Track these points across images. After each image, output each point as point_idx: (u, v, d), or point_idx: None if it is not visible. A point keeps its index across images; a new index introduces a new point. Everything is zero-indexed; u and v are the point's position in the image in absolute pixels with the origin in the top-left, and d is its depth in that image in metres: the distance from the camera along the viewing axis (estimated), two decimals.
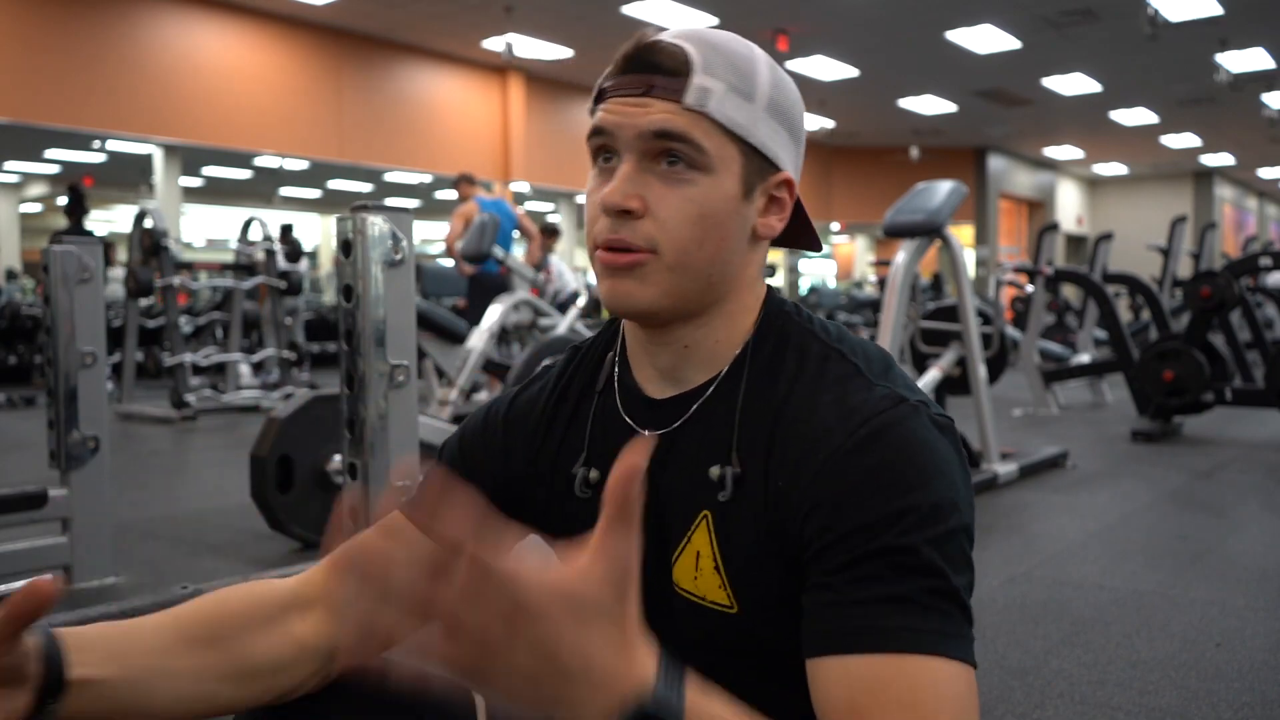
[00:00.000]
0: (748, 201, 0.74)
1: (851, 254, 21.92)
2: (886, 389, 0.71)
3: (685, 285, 0.73)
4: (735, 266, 0.75)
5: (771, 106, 0.74)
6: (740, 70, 0.72)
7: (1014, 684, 1.96)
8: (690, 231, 0.71)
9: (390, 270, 1.65)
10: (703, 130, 0.70)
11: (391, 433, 1.67)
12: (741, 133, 0.72)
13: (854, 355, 0.74)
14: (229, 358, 7.03)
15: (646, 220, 0.71)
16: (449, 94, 12.02)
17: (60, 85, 8.92)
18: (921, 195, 3.90)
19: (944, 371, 4.27)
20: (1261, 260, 5.97)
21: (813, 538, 0.68)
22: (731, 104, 0.71)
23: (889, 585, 0.63)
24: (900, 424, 0.68)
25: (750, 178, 0.73)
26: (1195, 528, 3.34)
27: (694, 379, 0.78)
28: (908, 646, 0.62)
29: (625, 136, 0.72)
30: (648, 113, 0.71)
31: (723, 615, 0.75)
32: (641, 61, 0.72)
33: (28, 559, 2.53)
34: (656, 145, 0.71)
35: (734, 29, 2.63)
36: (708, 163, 0.71)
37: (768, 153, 0.74)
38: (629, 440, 0.78)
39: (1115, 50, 11.34)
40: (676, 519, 0.77)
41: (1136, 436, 5.26)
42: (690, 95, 0.70)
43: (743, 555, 0.73)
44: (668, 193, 0.71)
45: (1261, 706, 1.85)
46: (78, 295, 2.56)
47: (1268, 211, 25.07)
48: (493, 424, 0.87)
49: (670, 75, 0.71)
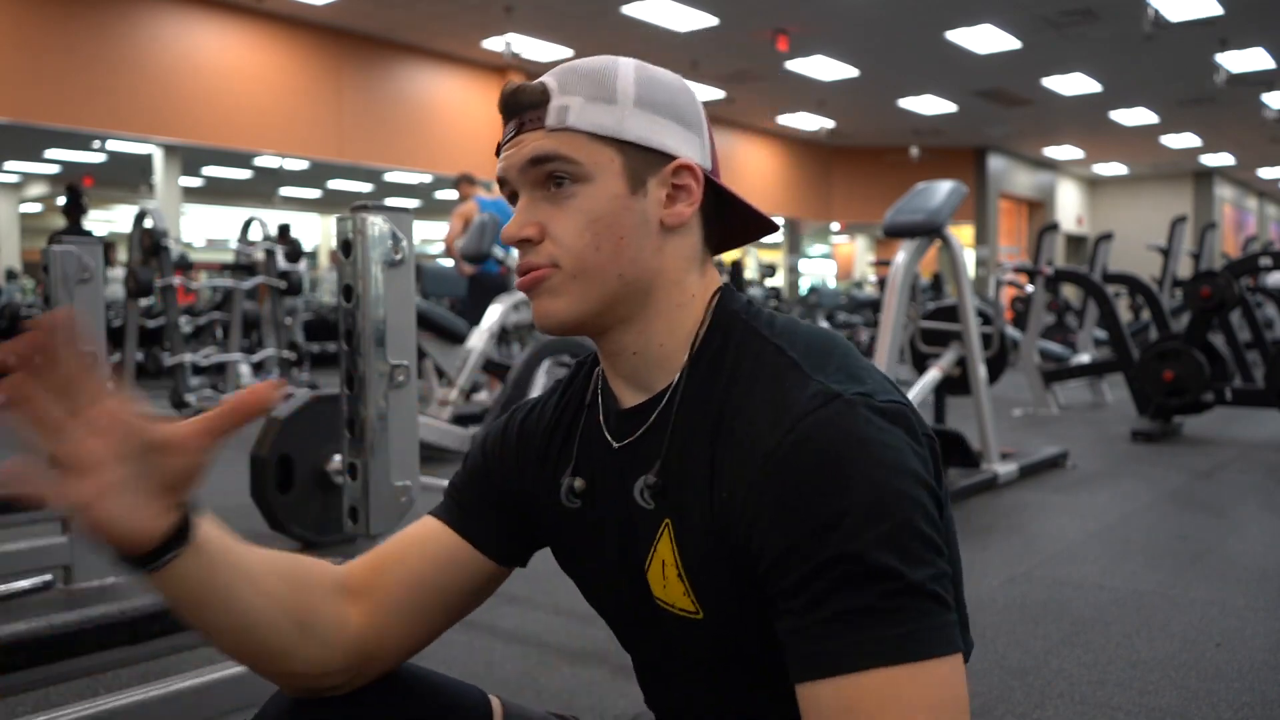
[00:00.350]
0: (639, 195, 0.75)
1: (851, 254, 21.92)
2: (819, 384, 0.69)
3: (594, 288, 0.75)
4: (647, 261, 0.76)
5: (641, 102, 0.76)
6: (597, 80, 0.75)
7: (1014, 684, 1.96)
8: (582, 238, 0.74)
9: (390, 270, 1.65)
10: (570, 144, 0.74)
11: (391, 433, 1.67)
12: (610, 133, 0.74)
13: (792, 348, 0.74)
14: (229, 358, 7.03)
15: (546, 242, 0.75)
16: (449, 94, 12.02)
17: (60, 85, 8.92)
18: (921, 195, 3.90)
19: (944, 371, 4.27)
20: (1261, 260, 5.97)
21: (759, 554, 0.67)
22: (593, 111, 0.74)
23: (839, 599, 0.63)
24: (828, 424, 0.67)
25: (636, 172, 0.75)
26: (1195, 528, 3.34)
27: (655, 384, 0.79)
28: (868, 662, 0.61)
29: (513, 176, 0.77)
30: (521, 149, 0.75)
31: (691, 621, 0.76)
32: (510, 107, 0.77)
33: (28, 559, 2.52)
34: (536, 173, 0.75)
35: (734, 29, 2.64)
36: (584, 172, 0.74)
37: (650, 144, 0.75)
38: (606, 451, 0.80)
39: (1115, 50, 11.33)
40: (644, 527, 0.78)
41: (1136, 436, 5.26)
42: (550, 117, 0.74)
43: (700, 562, 0.74)
44: (557, 211, 0.75)
45: (1261, 706, 1.85)
46: (78, 295, 2.56)
47: (1268, 211, 25.07)
48: (509, 435, 0.89)
49: (533, 108, 0.76)
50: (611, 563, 0.81)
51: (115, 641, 1.62)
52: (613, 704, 1.85)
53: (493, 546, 0.86)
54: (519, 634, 2.25)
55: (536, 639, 2.22)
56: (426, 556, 0.84)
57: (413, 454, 1.71)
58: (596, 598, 0.87)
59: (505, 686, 1.93)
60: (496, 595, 0.93)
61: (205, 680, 1.51)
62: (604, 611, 0.87)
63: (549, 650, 2.15)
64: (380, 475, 1.66)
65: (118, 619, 1.58)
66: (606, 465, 0.81)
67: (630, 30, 10.19)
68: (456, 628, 0.90)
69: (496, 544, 0.86)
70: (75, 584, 2.58)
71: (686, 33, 10.41)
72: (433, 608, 0.83)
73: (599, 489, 0.82)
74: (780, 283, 15.61)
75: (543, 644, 2.19)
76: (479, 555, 0.85)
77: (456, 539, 0.85)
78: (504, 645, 2.18)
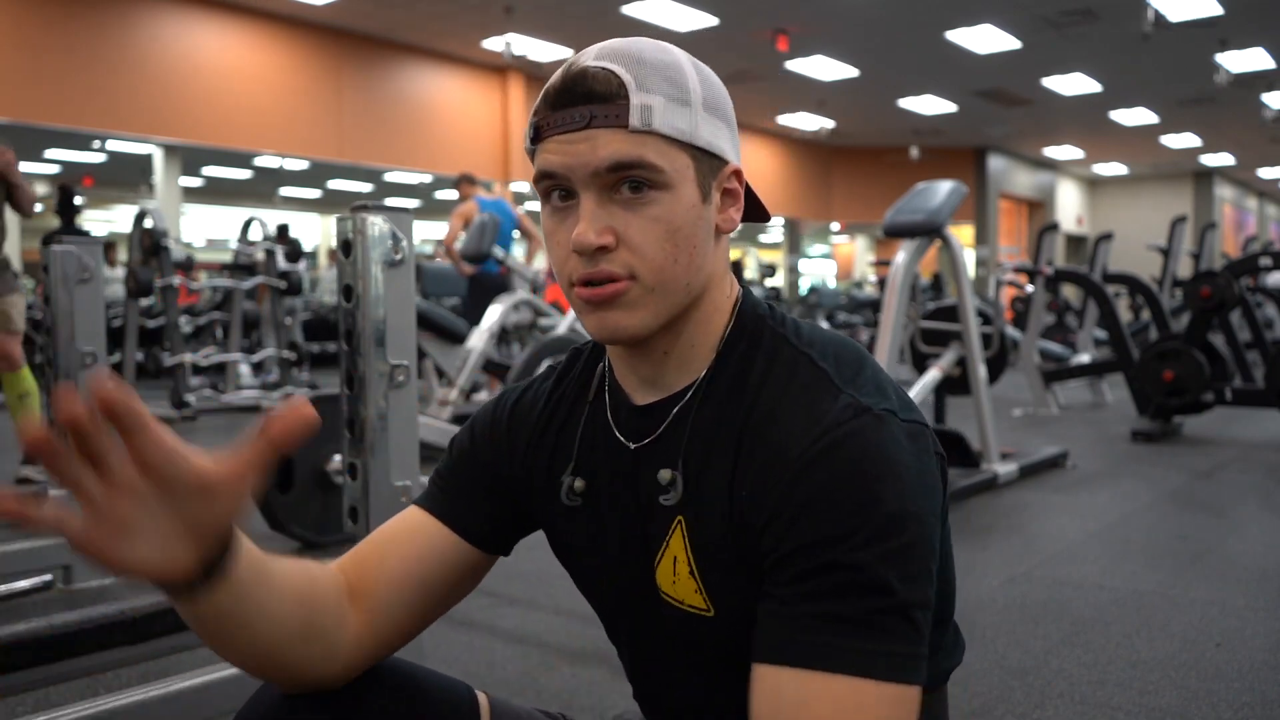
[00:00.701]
0: (707, 204, 0.74)
1: (851, 254, 21.92)
2: (850, 397, 0.70)
3: (668, 301, 0.73)
4: (707, 270, 0.76)
5: (707, 104, 0.73)
6: (672, 78, 0.72)
7: (1014, 684, 1.96)
8: (664, 251, 0.71)
9: (390, 270, 1.65)
10: (655, 149, 0.70)
11: (391, 433, 1.67)
12: (688, 139, 0.72)
13: (823, 360, 0.74)
14: (229, 358, 7.03)
15: (621, 250, 0.71)
16: (449, 94, 12.02)
17: (60, 85, 8.91)
18: (921, 195, 3.90)
19: (944, 371, 4.27)
20: (1261, 260, 5.96)
21: (769, 549, 0.68)
22: (674, 114, 0.71)
23: (831, 602, 0.64)
24: (858, 435, 0.68)
25: (705, 180, 0.73)
26: (1195, 528, 3.34)
27: (674, 383, 0.78)
28: (838, 666, 0.63)
29: (580, 176, 0.71)
30: (596, 147, 0.70)
31: (701, 619, 0.76)
32: (575, 93, 0.70)
33: (28, 559, 2.52)
34: (613, 177, 0.70)
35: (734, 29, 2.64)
36: (666, 180, 0.71)
37: (714, 150, 0.74)
38: (617, 449, 0.80)
39: (1115, 50, 11.33)
40: (655, 524, 0.78)
41: (1136, 436, 5.26)
42: (634, 117, 0.69)
43: (714, 560, 0.74)
44: (634, 218, 0.71)
45: (1261, 706, 1.85)
46: (78, 295, 2.56)
47: (1268, 211, 25.06)
48: (499, 419, 0.88)
49: (607, 101, 0.70)
50: (612, 558, 0.81)
51: (115, 641, 1.62)
52: (613, 704, 1.85)
53: (477, 534, 0.85)
54: (519, 634, 2.25)
55: (537, 639, 2.22)
56: (412, 549, 0.83)
57: (413, 454, 1.71)
58: (592, 591, 0.87)
59: (506, 687, 1.93)
60: (497, 596, 0.93)
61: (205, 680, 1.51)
62: (599, 604, 0.87)
63: (549, 650, 2.15)
64: (380, 475, 1.66)
65: (118, 619, 1.58)
66: (615, 462, 0.80)
67: (630, 30, 10.18)
68: (457, 628, 0.91)
69: (481, 530, 0.85)
70: (75, 584, 2.59)
71: (686, 33, 10.41)
72: (421, 601, 0.83)
73: (602, 487, 0.81)
74: (780, 283, 15.62)
75: (543, 644, 2.19)
76: (463, 543, 0.84)
77: (440, 527, 0.84)
78: (504, 645, 2.18)
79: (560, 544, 0.87)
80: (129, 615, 1.61)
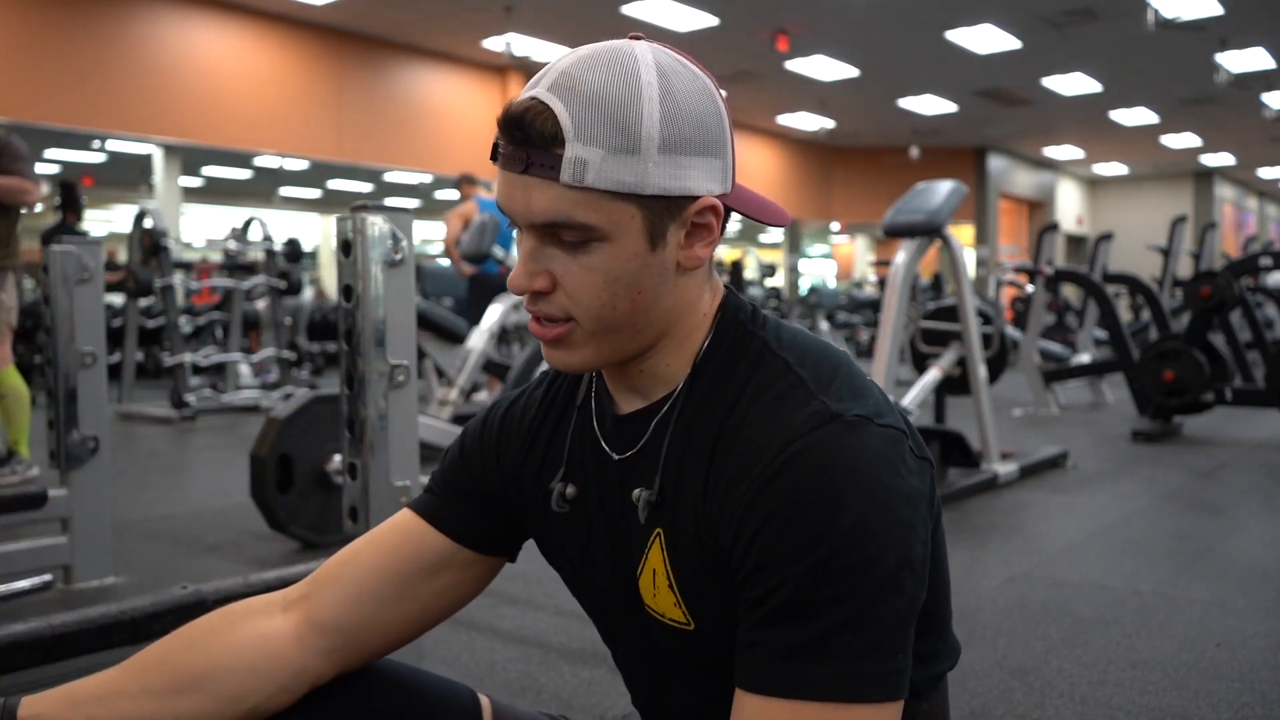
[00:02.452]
0: (660, 249, 0.70)
1: (851, 254, 21.91)
2: (820, 404, 0.69)
3: (613, 341, 0.73)
4: (665, 305, 0.73)
5: (666, 145, 0.68)
6: (619, 124, 0.66)
7: (1014, 684, 1.96)
8: (599, 299, 0.70)
9: (390, 270, 1.65)
10: (588, 206, 0.67)
11: (391, 433, 1.67)
12: (633, 190, 0.67)
13: (800, 365, 0.73)
14: (229, 358, 7.03)
15: (558, 293, 0.71)
16: (449, 94, 12.02)
17: (60, 85, 8.91)
18: (921, 195, 3.90)
19: (944, 371, 4.27)
20: (1261, 260, 5.97)
21: (737, 566, 0.68)
22: (614, 166, 0.67)
23: (799, 624, 0.64)
24: (823, 444, 0.66)
25: (656, 225, 0.70)
26: (1195, 528, 3.34)
27: (655, 392, 0.78)
28: (811, 694, 0.63)
29: (519, 221, 0.70)
30: (529, 201, 0.68)
31: (683, 632, 0.76)
32: (515, 133, 0.68)
33: (28, 559, 2.53)
34: (546, 230, 0.69)
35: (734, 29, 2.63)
36: (601, 233, 0.68)
37: (672, 193, 0.69)
38: (602, 459, 0.80)
39: (1115, 50, 11.33)
40: (637, 536, 0.78)
41: (1137, 436, 5.26)
42: (565, 172, 0.66)
43: (691, 573, 0.73)
44: (571, 264, 0.70)
45: (1261, 706, 1.85)
46: (78, 295, 2.56)
47: (1268, 211, 25.06)
48: (489, 428, 0.88)
49: (544, 149, 0.67)
50: (602, 567, 0.81)
51: (115, 641, 1.62)
52: (613, 704, 1.85)
53: (471, 537, 0.85)
54: (520, 635, 2.25)
55: (537, 639, 2.22)
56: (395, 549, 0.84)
57: (413, 454, 1.71)
58: (584, 596, 0.87)
59: (506, 687, 1.93)
60: (496, 596, 0.93)
61: None
62: (591, 610, 0.88)
63: (549, 651, 2.15)
64: (380, 475, 1.66)
65: (118, 619, 1.58)
66: (601, 472, 0.80)
67: (630, 30, 10.17)
68: (457, 628, 0.91)
69: (474, 535, 0.85)
70: (75, 584, 2.59)
71: (686, 33, 10.41)
72: (406, 599, 0.83)
73: (590, 495, 0.81)
74: (780, 283, 15.61)
75: (543, 644, 2.19)
76: (454, 545, 0.84)
77: (428, 529, 0.84)
78: (504, 646, 2.18)
79: (551, 551, 0.87)
80: (129, 615, 1.61)
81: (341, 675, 0.82)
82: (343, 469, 1.69)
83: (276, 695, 0.79)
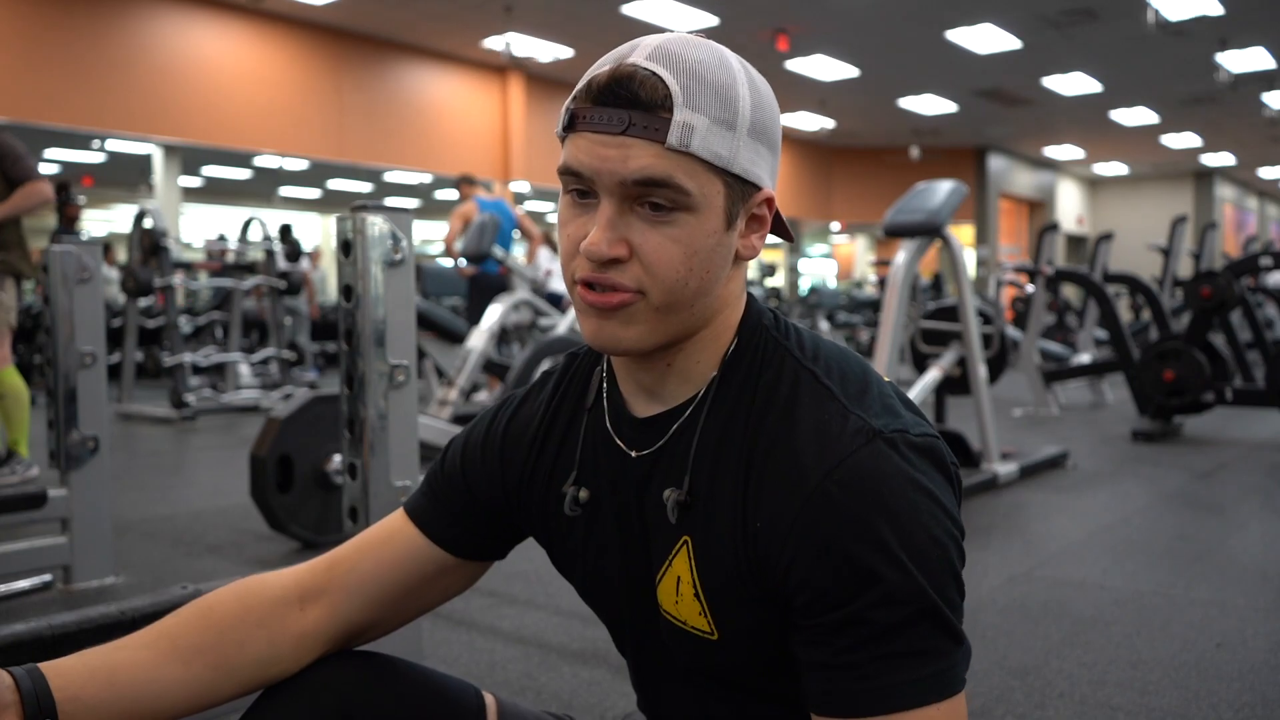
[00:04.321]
0: (731, 230, 0.72)
1: (851, 254, 21.91)
2: (860, 420, 0.69)
3: (672, 321, 0.72)
4: (719, 293, 0.74)
5: (753, 129, 0.70)
6: (723, 98, 0.68)
7: (1014, 684, 1.96)
8: (677, 272, 0.69)
9: (390, 270, 1.65)
10: (686, 171, 0.67)
11: (391, 433, 1.67)
12: (724, 165, 0.68)
13: (829, 377, 0.73)
14: (229, 358, 7.03)
15: (633, 263, 0.69)
16: (449, 94, 12.02)
17: (60, 85, 8.91)
18: (921, 195, 3.90)
19: (944, 371, 4.27)
20: (1262, 260, 5.96)
21: (795, 590, 0.68)
22: (715, 138, 0.68)
23: (877, 644, 0.65)
24: (873, 465, 0.67)
25: (733, 206, 0.71)
26: (1195, 528, 3.34)
27: (676, 396, 0.77)
28: (899, 704, 0.64)
29: (606, 182, 0.68)
30: (627, 157, 0.67)
31: (704, 641, 0.75)
32: (618, 94, 0.67)
33: (27, 559, 2.52)
34: (639, 190, 0.68)
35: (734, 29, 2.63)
36: (692, 203, 0.68)
37: (750, 177, 0.71)
38: (619, 459, 0.79)
39: (1115, 50, 11.33)
40: (659, 540, 0.77)
41: (1137, 436, 5.26)
42: (673, 135, 0.66)
43: (722, 584, 0.73)
44: (653, 234, 0.68)
45: (1262, 706, 1.85)
46: (78, 295, 2.56)
47: (1268, 211, 25.06)
48: (493, 436, 0.88)
49: (649, 111, 0.67)
50: (614, 570, 0.81)
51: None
52: (613, 704, 1.85)
53: (466, 549, 0.87)
54: (520, 634, 2.25)
55: (537, 639, 2.22)
56: (388, 551, 0.87)
57: (413, 454, 1.70)
58: (595, 601, 0.87)
59: (506, 687, 1.93)
60: (497, 597, 0.94)
61: None
62: (602, 614, 0.87)
63: (550, 651, 2.15)
64: (380, 475, 1.66)
65: (118, 619, 1.58)
66: (617, 473, 0.79)
67: (630, 30, 10.19)
68: (457, 628, 0.92)
69: (469, 546, 0.87)
70: (75, 584, 2.58)
71: (686, 33, 10.40)
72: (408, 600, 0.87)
73: (605, 497, 0.80)
74: (780, 282, 15.61)
75: (544, 644, 2.19)
76: (444, 554, 0.87)
77: (420, 538, 0.87)
78: (505, 646, 2.18)
79: (561, 556, 0.87)
80: (129, 615, 1.61)
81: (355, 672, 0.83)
82: (343, 469, 1.68)
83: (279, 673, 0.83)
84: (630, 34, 0.76)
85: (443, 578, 0.88)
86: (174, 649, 0.79)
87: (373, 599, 0.85)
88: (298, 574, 0.86)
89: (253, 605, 0.83)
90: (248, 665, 0.81)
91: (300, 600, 0.84)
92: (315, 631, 0.84)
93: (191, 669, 0.79)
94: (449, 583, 0.89)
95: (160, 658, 0.79)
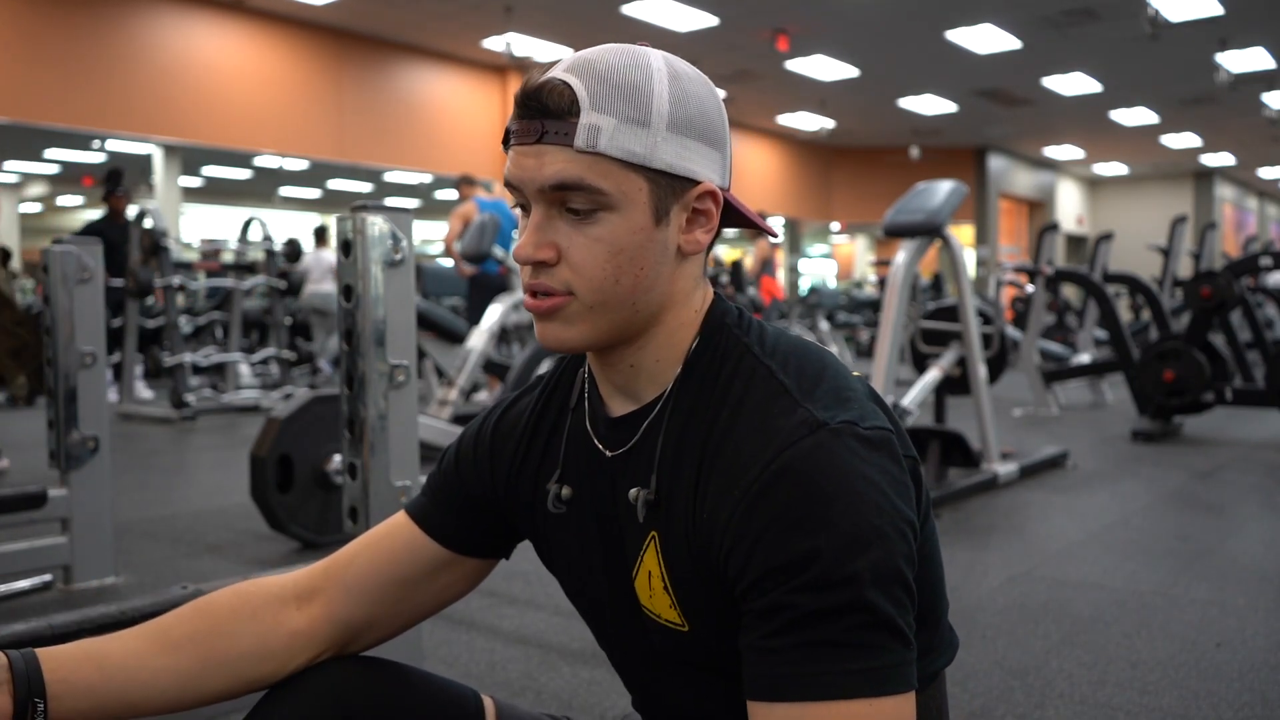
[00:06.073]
0: (663, 226, 0.73)
1: (851, 254, 21.92)
2: (806, 412, 0.69)
3: (610, 319, 0.73)
4: (662, 288, 0.74)
5: (674, 124, 0.71)
6: (632, 97, 0.70)
7: (1014, 684, 1.96)
8: (603, 271, 0.71)
9: (390, 270, 1.65)
10: (599, 171, 0.69)
11: (391, 433, 1.67)
12: (641, 161, 0.70)
13: (784, 371, 0.73)
14: (229, 358, 7.03)
15: (561, 265, 0.72)
16: (449, 94, 12.02)
17: (60, 85, 8.92)
18: (921, 195, 3.90)
19: (944, 371, 4.27)
20: (1262, 260, 5.96)
21: (736, 576, 0.68)
22: (625, 136, 0.69)
23: (807, 630, 0.64)
24: (812, 454, 0.67)
25: (662, 201, 0.72)
26: (1195, 528, 3.34)
27: (645, 395, 0.78)
28: (828, 693, 0.63)
29: (530, 190, 0.72)
30: (542, 165, 0.70)
31: (678, 633, 0.77)
32: (531, 106, 0.71)
33: (28, 559, 2.53)
34: (557, 195, 0.71)
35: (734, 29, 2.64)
36: (610, 201, 0.70)
37: (678, 171, 0.72)
38: (596, 458, 0.81)
39: (1115, 50, 11.34)
40: (631, 537, 0.78)
41: (1137, 436, 5.26)
42: (579, 137, 0.69)
43: (686, 576, 0.74)
44: (576, 235, 0.71)
45: (1262, 706, 1.85)
46: (78, 295, 2.56)
47: (1268, 211, 25.06)
48: (484, 433, 0.90)
49: (559, 118, 0.70)
50: (596, 567, 0.82)
51: None
52: (613, 704, 1.85)
53: (465, 544, 0.88)
54: (520, 635, 2.25)
55: (537, 639, 2.22)
56: (385, 546, 0.88)
57: (413, 454, 1.71)
58: (580, 598, 0.88)
59: (506, 687, 1.93)
60: (497, 597, 0.94)
61: None
62: (587, 613, 0.88)
63: (550, 651, 2.15)
64: (380, 475, 1.66)
65: (118, 619, 1.58)
66: (596, 473, 0.81)
67: (630, 30, 10.19)
68: (457, 628, 0.92)
69: (468, 542, 0.88)
70: (75, 584, 2.59)
71: (686, 33, 10.41)
72: (407, 600, 0.88)
73: (586, 495, 0.82)
74: (780, 282, 15.60)
75: (544, 644, 2.19)
76: (442, 549, 0.88)
77: (424, 538, 0.87)
78: (505, 646, 2.18)
79: (546, 552, 0.88)
80: (128, 615, 1.61)
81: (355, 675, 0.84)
82: (343, 469, 1.69)
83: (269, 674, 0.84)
84: (630, 34, 0.77)
85: (440, 575, 0.88)
86: (165, 639, 0.81)
87: (370, 595, 0.86)
88: (296, 575, 0.88)
89: (247, 601, 0.84)
90: (237, 659, 0.82)
91: (296, 599, 0.86)
92: (310, 630, 0.85)
93: (180, 659, 0.80)
94: (447, 582, 0.89)
95: (151, 647, 0.81)
